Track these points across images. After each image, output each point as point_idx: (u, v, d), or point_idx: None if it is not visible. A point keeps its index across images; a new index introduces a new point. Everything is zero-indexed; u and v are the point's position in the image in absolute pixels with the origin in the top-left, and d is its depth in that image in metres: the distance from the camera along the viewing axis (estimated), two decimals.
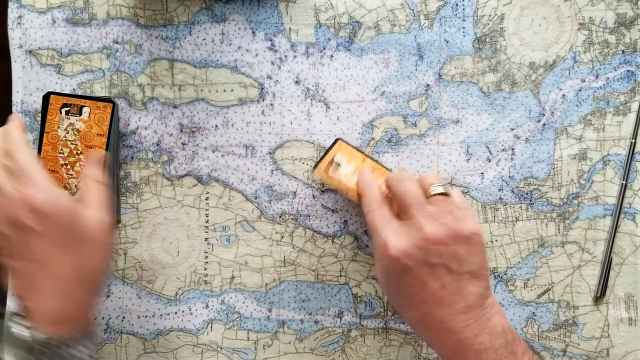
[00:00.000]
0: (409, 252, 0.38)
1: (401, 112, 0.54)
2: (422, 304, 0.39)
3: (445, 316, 0.39)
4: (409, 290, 0.39)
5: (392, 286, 0.41)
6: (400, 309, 0.42)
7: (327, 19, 0.54)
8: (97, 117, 0.44)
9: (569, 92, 0.53)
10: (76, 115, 0.45)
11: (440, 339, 0.39)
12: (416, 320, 0.40)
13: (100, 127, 0.44)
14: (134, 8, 0.54)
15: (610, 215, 0.53)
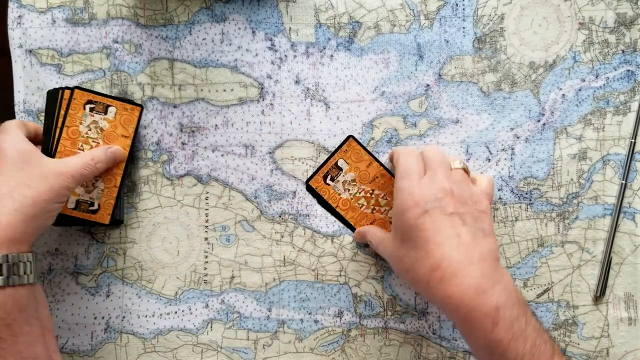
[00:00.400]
0: (428, 197, 0.41)
1: (401, 112, 0.54)
2: (437, 248, 0.39)
3: (461, 261, 0.38)
4: (425, 236, 0.40)
5: (407, 239, 0.41)
6: (415, 265, 0.40)
7: (327, 18, 0.54)
8: (123, 119, 0.44)
9: (568, 91, 0.53)
10: (101, 114, 0.44)
11: (457, 287, 0.37)
12: (432, 268, 0.39)
13: (125, 129, 0.44)
14: (134, 8, 0.54)
15: (610, 215, 0.53)
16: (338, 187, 0.45)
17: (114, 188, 0.49)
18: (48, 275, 0.53)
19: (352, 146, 0.45)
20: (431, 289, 0.39)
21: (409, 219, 0.41)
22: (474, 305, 0.37)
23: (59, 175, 0.43)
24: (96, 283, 0.53)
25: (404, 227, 0.41)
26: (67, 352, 0.53)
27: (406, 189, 0.42)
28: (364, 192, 0.46)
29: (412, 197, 0.41)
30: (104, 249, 0.54)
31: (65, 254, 0.54)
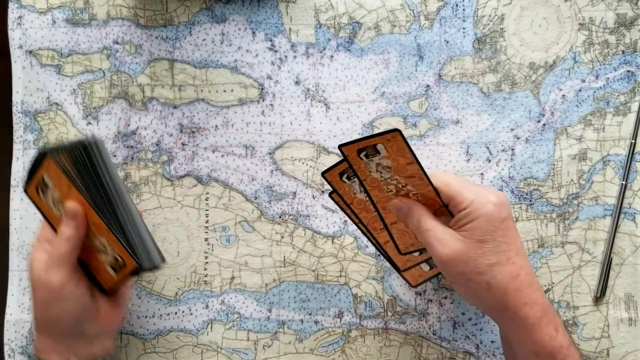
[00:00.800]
0: (504, 201, 0.41)
1: (401, 112, 0.54)
2: (516, 257, 0.40)
3: (530, 271, 0.41)
4: (506, 242, 0.40)
5: (488, 243, 0.40)
6: (493, 269, 0.40)
7: (327, 19, 0.54)
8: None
9: (569, 92, 0.53)
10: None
11: (531, 296, 0.40)
12: (512, 277, 0.40)
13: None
14: (134, 8, 0.54)
15: (610, 216, 0.53)
16: (371, 165, 0.42)
17: (109, 234, 0.43)
18: None
19: (397, 139, 0.39)
20: (507, 297, 0.40)
21: (494, 220, 0.40)
22: (544, 313, 0.40)
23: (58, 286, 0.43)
24: None
25: (488, 229, 0.40)
26: None
27: (480, 195, 0.41)
28: (397, 181, 0.42)
29: (490, 202, 0.40)
30: None
31: None
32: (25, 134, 0.54)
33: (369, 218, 0.46)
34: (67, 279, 0.42)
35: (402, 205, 0.43)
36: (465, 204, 0.40)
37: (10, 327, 0.53)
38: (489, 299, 0.40)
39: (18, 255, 0.54)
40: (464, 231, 0.40)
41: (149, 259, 0.44)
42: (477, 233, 0.40)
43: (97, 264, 0.44)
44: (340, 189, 0.45)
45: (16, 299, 0.54)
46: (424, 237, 0.42)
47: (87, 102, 0.54)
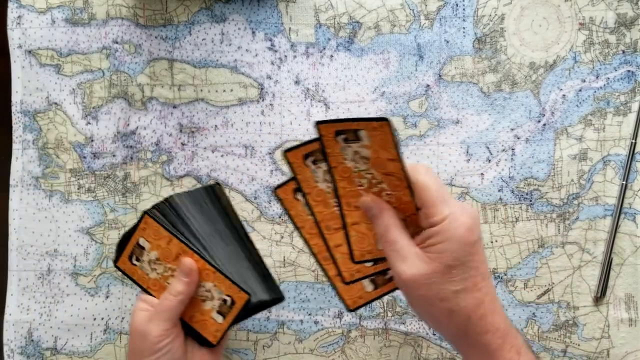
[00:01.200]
0: (476, 223, 0.38)
1: (401, 112, 0.54)
2: (483, 282, 0.37)
3: (494, 295, 0.38)
4: (474, 267, 0.37)
5: (456, 268, 0.37)
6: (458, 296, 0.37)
7: (327, 19, 0.54)
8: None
9: (569, 92, 0.53)
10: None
11: (493, 323, 0.38)
12: (476, 304, 0.37)
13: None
14: (133, 8, 0.54)
15: (611, 216, 0.53)
16: (347, 151, 0.37)
17: (215, 274, 0.43)
18: (47, 276, 0.53)
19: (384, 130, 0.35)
20: (469, 325, 0.37)
21: (466, 245, 0.36)
22: (505, 338, 0.38)
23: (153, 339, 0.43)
24: (95, 284, 0.53)
25: (458, 253, 0.37)
26: (66, 353, 0.53)
27: (455, 213, 0.37)
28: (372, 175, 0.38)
29: (464, 223, 0.37)
30: (104, 249, 0.53)
31: (64, 254, 0.53)
32: (24, 133, 0.54)
33: (325, 214, 0.41)
34: (165, 332, 0.42)
35: (373, 206, 0.39)
36: (437, 219, 0.37)
37: (10, 327, 0.53)
38: (449, 326, 0.38)
39: (17, 256, 0.54)
40: (432, 252, 0.37)
41: (261, 293, 0.45)
42: (447, 257, 0.37)
43: (201, 317, 0.44)
44: (300, 174, 0.40)
45: (15, 299, 0.53)
46: (387, 249, 0.38)
47: (86, 102, 0.54)
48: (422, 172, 0.38)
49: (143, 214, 0.44)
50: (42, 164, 0.54)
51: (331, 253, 0.41)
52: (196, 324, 0.44)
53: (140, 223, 0.44)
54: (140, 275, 0.44)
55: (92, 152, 0.54)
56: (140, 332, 0.43)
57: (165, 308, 0.42)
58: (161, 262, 0.44)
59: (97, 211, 0.54)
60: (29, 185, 0.54)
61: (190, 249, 0.43)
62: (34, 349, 0.53)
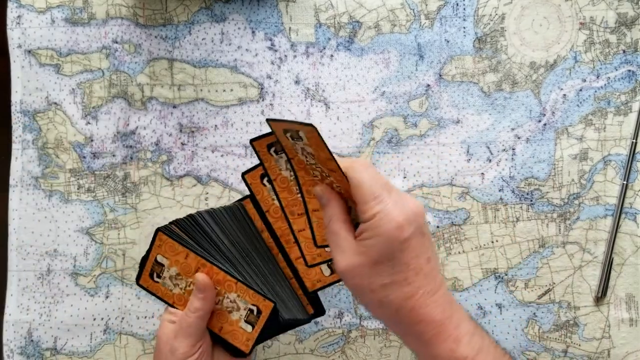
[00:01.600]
0: (410, 219, 0.38)
1: (401, 112, 0.54)
2: (415, 277, 0.38)
3: (432, 289, 0.39)
4: (405, 263, 0.38)
5: (384, 264, 0.38)
6: (387, 289, 0.39)
7: (327, 18, 0.54)
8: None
9: (569, 92, 0.53)
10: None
11: (426, 315, 0.38)
12: (405, 297, 0.38)
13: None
14: (133, 7, 0.54)
15: (611, 216, 0.53)
16: (297, 147, 0.39)
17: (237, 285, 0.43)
18: (47, 277, 0.53)
19: (314, 134, 0.37)
20: (399, 315, 0.39)
21: (393, 242, 0.37)
22: (441, 329, 0.38)
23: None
24: (95, 284, 0.53)
25: (385, 250, 0.38)
26: (66, 354, 0.53)
27: (385, 210, 0.38)
28: (320, 169, 0.40)
29: (393, 220, 0.37)
30: (103, 249, 0.53)
31: (64, 254, 0.53)
32: (24, 133, 0.54)
33: (289, 200, 0.43)
34: (190, 348, 0.43)
35: (323, 194, 0.41)
36: (368, 216, 0.38)
37: (10, 327, 0.53)
38: (382, 314, 0.40)
39: (17, 256, 0.53)
40: (363, 247, 0.38)
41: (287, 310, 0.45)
42: (374, 252, 0.38)
43: (230, 327, 0.44)
44: (266, 162, 0.42)
45: (15, 299, 0.53)
46: (329, 238, 0.40)
47: (86, 102, 0.54)
48: (357, 170, 0.39)
49: (156, 232, 0.43)
50: (42, 164, 0.54)
51: (295, 236, 0.44)
52: (226, 334, 0.44)
53: (155, 240, 0.44)
54: (164, 291, 0.44)
55: (91, 152, 0.54)
56: (168, 348, 0.43)
57: (187, 325, 0.43)
58: (182, 277, 0.43)
59: (96, 211, 0.54)
60: (29, 185, 0.54)
61: (209, 261, 0.43)
62: (34, 349, 0.53)
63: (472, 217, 0.53)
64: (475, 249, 0.53)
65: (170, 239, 0.43)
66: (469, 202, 0.53)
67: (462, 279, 0.53)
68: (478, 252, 0.53)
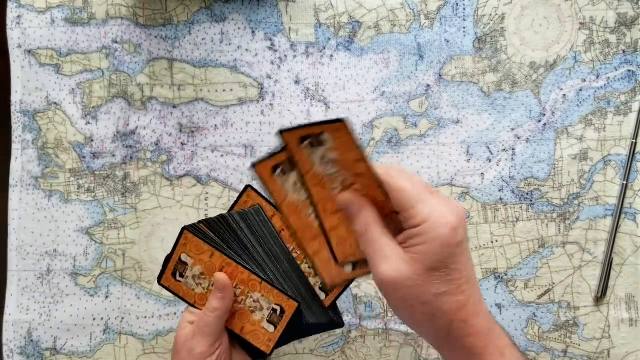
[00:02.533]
0: (460, 223, 0.35)
1: (401, 112, 0.54)
2: (466, 285, 0.36)
3: (479, 297, 0.37)
4: (459, 269, 0.35)
5: (439, 271, 0.35)
6: (441, 299, 0.36)
7: (327, 18, 0.54)
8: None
9: (569, 92, 0.53)
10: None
11: (476, 327, 0.36)
12: (458, 307, 0.36)
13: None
14: (133, 7, 0.54)
15: (611, 216, 0.53)
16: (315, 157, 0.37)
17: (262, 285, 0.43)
18: (47, 277, 0.53)
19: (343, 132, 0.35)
20: (452, 329, 0.36)
21: (449, 246, 0.35)
22: (489, 341, 0.36)
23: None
24: (95, 284, 0.53)
25: (441, 255, 0.35)
26: (65, 354, 0.53)
27: (437, 212, 0.35)
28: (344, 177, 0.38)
29: (447, 223, 0.35)
30: (103, 249, 0.53)
31: (64, 254, 0.53)
32: (24, 133, 0.54)
33: (299, 225, 0.39)
34: (208, 348, 0.43)
35: (353, 202, 0.37)
36: (417, 221, 0.35)
37: (9, 327, 0.53)
38: (431, 329, 0.37)
39: (17, 256, 0.53)
40: (414, 254, 0.35)
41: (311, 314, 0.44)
42: (429, 259, 0.35)
43: (252, 327, 0.44)
44: (270, 186, 0.39)
45: (15, 299, 0.53)
46: (367, 248, 0.37)
47: (86, 102, 0.54)
48: (394, 175, 0.36)
49: (183, 230, 0.43)
50: (42, 164, 0.54)
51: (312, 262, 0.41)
52: (247, 335, 0.44)
53: (181, 239, 0.44)
54: (185, 291, 0.44)
55: (91, 152, 0.54)
56: (186, 347, 0.43)
57: (205, 324, 0.43)
58: (205, 277, 0.43)
59: (96, 211, 0.54)
60: (29, 185, 0.54)
61: (234, 260, 0.43)
62: (34, 349, 0.53)
63: (472, 217, 0.53)
64: (475, 249, 0.53)
65: (196, 238, 0.43)
66: (468, 202, 0.53)
67: None
68: (478, 252, 0.53)
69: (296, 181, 0.38)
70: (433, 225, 0.35)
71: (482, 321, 0.36)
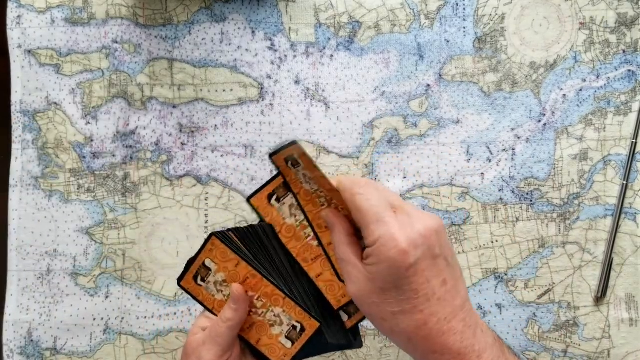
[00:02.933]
0: (417, 242, 0.35)
1: (401, 112, 0.54)
2: (426, 304, 0.36)
3: (448, 315, 0.36)
4: (413, 290, 0.36)
5: (391, 291, 0.36)
6: (397, 318, 0.37)
7: (327, 18, 0.54)
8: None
9: (569, 92, 0.53)
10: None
11: (442, 344, 0.36)
12: (417, 326, 0.36)
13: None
14: (133, 7, 0.54)
15: (611, 216, 0.53)
16: (299, 175, 0.39)
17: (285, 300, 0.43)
18: (47, 277, 0.53)
19: (300, 151, 0.37)
20: (412, 344, 0.37)
21: (398, 269, 0.35)
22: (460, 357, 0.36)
23: None
24: (95, 284, 0.53)
25: (390, 277, 0.35)
26: (65, 354, 0.53)
27: (387, 235, 0.35)
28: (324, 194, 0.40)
29: (397, 245, 0.35)
30: (103, 249, 0.53)
31: (64, 254, 0.53)
32: (24, 133, 0.54)
33: (299, 248, 0.42)
34: (216, 357, 0.42)
35: (327, 219, 0.40)
36: (369, 241, 0.36)
37: (9, 327, 0.53)
38: (396, 342, 0.38)
39: (17, 256, 0.53)
40: (369, 272, 0.36)
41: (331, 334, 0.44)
42: (380, 280, 0.36)
43: (269, 341, 0.44)
44: (267, 216, 0.41)
45: (15, 299, 0.53)
46: (339, 264, 0.39)
47: (86, 102, 0.54)
48: (356, 192, 0.37)
49: (210, 236, 0.43)
50: (42, 164, 0.54)
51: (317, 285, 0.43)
52: (263, 347, 0.44)
53: (207, 244, 0.43)
54: (205, 295, 0.44)
55: (91, 152, 0.54)
56: (195, 353, 0.43)
57: (217, 334, 0.42)
58: (228, 285, 0.43)
59: (96, 211, 0.54)
60: (29, 185, 0.54)
61: (260, 273, 0.42)
62: (34, 349, 0.53)
63: (472, 217, 0.53)
64: (475, 249, 0.53)
65: (224, 245, 0.43)
66: (468, 202, 0.53)
67: None
68: (478, 252, 0.53)
69: (292, 204, 0.40)
70: (381, 247, 0.35)
71: (453, 339, 0.36)
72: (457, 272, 0.38)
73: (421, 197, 0.53)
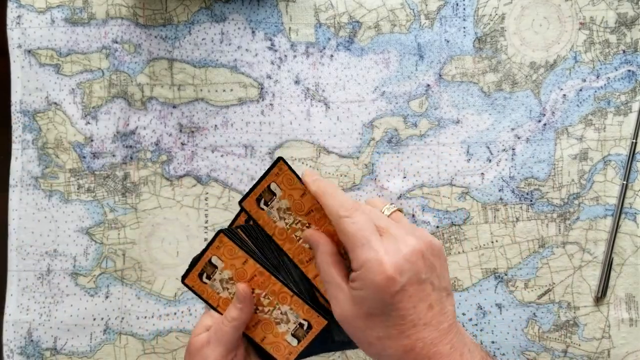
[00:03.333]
0: (403, 268, 0.35)
1: (401, 112, 0.54)
2: (412, 329, 0.35)
3: (434, 339, 0.36)
4: (400, 316, 0.35)
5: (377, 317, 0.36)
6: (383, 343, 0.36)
7: (327, 18, 0.54)
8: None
9: (569, 92, 0.53)
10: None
11: None
12: (404, 351, 0.36)
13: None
14: (133, 7, 0.54)
15: (611, 216, 0.53)
16: (273, 213, 0.40)
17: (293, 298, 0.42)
18: (47, 277, 0.53)
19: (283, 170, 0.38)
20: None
21: (384, 294, 0.35)
22: None
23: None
24: (95, 284, 0.53)
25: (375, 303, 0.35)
26: (65, 354, 0.53)
27: (373, 260, 0.35)
28: (300, 223, 0.40)
29: (383, 271, 0.34)
30: (103, 249, 0.53)
31: (64, 254, 0.53)
32: (24, 133, 0.54)
33: (294, 249, 0.42)
34: (220, 357, 0.42)
35: (309, 239, 0.40)
36: (355, 265, 0.35)
37: (9, 327, 0.53)
38: None
39: (17, 256, 0.53)
40: (355, 296, 0.36)
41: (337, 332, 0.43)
42: (366, 305, 0.35)
43: (274, 339, 0.43)
44: (259, 219, 0.41)
45: (15, 299, 0.53)
46: (325, 286, 0.38)
47: (86, 102, 0.54)
48: (342, 214, 0.37)
49: (218, 232, 0.42)
50: (42, 164, 0.54)
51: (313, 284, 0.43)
52: (268, 345, 0.43)
53: (215, 241, 0.42)
54: (210, 293, 0.43)
55: (91, 152, 0.54)
56: (200, 353, 0.42)
57: (222, 333, 0.42)
58: (234, 282, 0.43)
59: (96, 211, 0.54)
60: (29, 185, 0.54)
61: (268, 270, 0.42)
62: (34, 349, 0.53)
63: (472, 217, 0.53)
64: (475, 249, 0.53)
65: (232, 242, 0.42)
66: (468, 202, 0.53)
67: (461, 279, 0.53)
68: (478, 252, 0.53)
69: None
70: (367, 273, 0.35)
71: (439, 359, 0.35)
72: (444, 293, 0.37)
73: (421, 197, 0.53)
